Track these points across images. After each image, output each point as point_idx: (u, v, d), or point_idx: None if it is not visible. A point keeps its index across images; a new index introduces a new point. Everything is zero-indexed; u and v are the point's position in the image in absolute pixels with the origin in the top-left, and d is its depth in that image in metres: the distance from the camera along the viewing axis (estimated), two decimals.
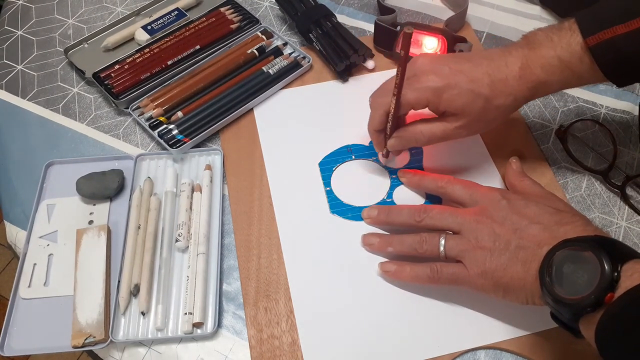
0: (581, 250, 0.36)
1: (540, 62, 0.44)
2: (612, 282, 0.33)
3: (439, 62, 0.46)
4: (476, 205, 0.45)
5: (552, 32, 0.45)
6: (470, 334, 0.45)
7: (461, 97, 0.45)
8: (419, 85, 0.45)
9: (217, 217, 0.52)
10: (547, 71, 0.44)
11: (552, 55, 0.44)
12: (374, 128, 0.50)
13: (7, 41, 0.68)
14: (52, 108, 0.62)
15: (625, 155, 0.56)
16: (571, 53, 0.43)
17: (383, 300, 0.47)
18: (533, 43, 0.45)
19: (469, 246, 0.43)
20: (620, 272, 0.33)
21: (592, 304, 0.33)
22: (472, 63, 0.46)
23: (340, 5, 0.70)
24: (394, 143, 0.50)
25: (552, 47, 0.44)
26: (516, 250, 0.41)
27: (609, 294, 0.33)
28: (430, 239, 0.45)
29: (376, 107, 0.48)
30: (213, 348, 0.46)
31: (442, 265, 0.44)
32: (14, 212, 0.54)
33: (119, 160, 0.56)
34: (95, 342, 0.45)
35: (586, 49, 0.42)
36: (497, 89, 0.45)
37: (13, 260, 1.41)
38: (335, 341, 0.45)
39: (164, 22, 0.66)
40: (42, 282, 0.49)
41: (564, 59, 0.44)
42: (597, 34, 0.42)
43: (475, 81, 0.45)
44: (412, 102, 0.46)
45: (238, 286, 0.49)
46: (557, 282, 0.36)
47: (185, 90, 0.60)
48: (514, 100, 0.46)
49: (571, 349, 0.44)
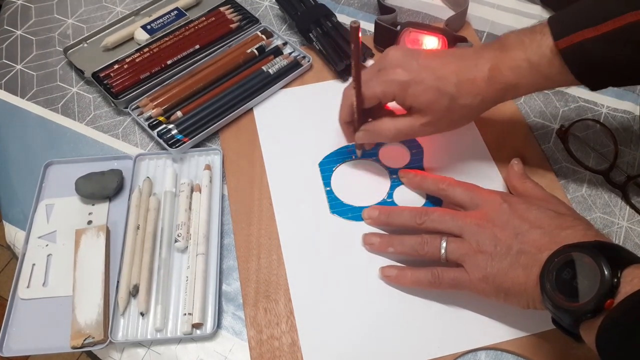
0: (580, 256, 0.36)
1: (510, 65, 0.44)
2: (611, 288, 0.33)
3: (408, 56, 0.46)
4: (477, 208, 0.45)
5: (524, 34, 0.44)
6: (470, 335, 0.45)
7: (426, 94, 0.45)
8: (386, 77, 0.46)
9: (217, 217, 0.51)
10: (516, 74, 0.44)
11: (522, 58, 0.44)
12: (342, 119, 0.50)
13: (6, 41, 0.68)
14: (51, 108, 0.61)
15: (626, 155, 0.56)
16: (540, 55, 0.43)
17: (383, 300, 0.47)
18: (505, 45, 0.45)
19: (470, 250, 0.43)
20: (620, 277, 0.33)
21: (591, 310, 0.33)
22: (441, 60, 0.46)
23: (340, 4, 0.70)
24: (360, 136, 0.50)
25: (522, 49, 0.44)
26: (517, 255, 0.40)
27: (608, 300, 0.33)
28: (432, 241, 0.45)
29: (345, 98, 0.49)
30: (212, 349, 0.46)
31: (443, 270, 0.44)
32: (12, 212, 0.54)
33: (118, 160, 0.56)
34: (94, 342, 0.44)
35: (556, 52, 0.42)
36: (464, 89, 0.45)
37: (12, 261, 1.41)
38: (335, 342, 0.45)
39: (163, 21, 0.66)
40: (41, 282, 0.48)
41: (534, 61, 0.43)
42: (568, 37, 0.41)
43: (441, 79, 0.45)
44: (378, 94, 0.46)
45: (238, 287, 0.48)
46: (557, 288, 0.36)
47: (185, 90, 0.59)
48: (482, 102, 0.46)
49: (572, 350, 0.43)
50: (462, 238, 0.44)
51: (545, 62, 0.43)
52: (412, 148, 0.56)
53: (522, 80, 0.44)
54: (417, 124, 0.47)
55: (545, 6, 0.69)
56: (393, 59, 0.46)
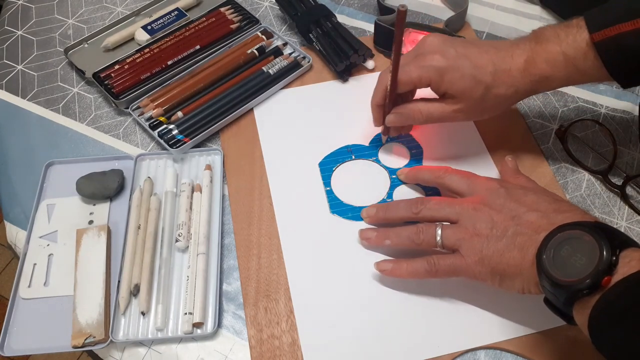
0: (581, 233, 0.36)
1: (545, 57, 0.45)
2: (610, 266, 0.33)
3: (447, 43, 0.47)
4: (474, 194, 0.45)
5: (560, 28, 0.45)
6: (470, 334, 0.45)
7: (463, 81, 0.46)
8: (424, 63, 0.46)
9: (217, 217, 0.52)
10: (552, 66, 0.45)
11: (558, 51, 0.44)
12: (375, 101, 0.51)
13: (7, 41, 0.68)
14: (52, 108, 0.62)
15: (625, 155, 0.56)
16: (576, 49, 0.44)
17: (383, 300, 0.47)
18: (540, 38, 0.46)
19: (466, 234, 0.43)
20: (618, 257, 0.33)
21: (588, 286, 0.33)
22: (479, 49, 0.47)
23: (340, 5, 0.71)
24: (392, 119, 0.51)
25: (558, 42, 0.44)
26: (513, 236, 0.40)
27: (606, 277, 0.33)
28: (427, 229, 0.45)
29: (380, 81, 0.50)
30: (213, 348, 0.46)
31: (439, 258, 0.44)
32: (14, 212, 0.54)
33: (119, 160, 0.56)
34: (95, 342, 0.45)
35: (591, 45, 0.43)
36: (500, 79, 0.46)
37: (13, 260, 1.41)
38: (335, 341, 0.45)
39: (164, 22, 0.66)
40: (42, 282, 0.49)
41: (569, 54, 0.44)
42: (603, 30, 0.42)
43: (479, 67, 0.45)
44: (414, 79, 0.47)
45: (238, 286, 0.49)
46: (554, 265, 0.36)
47: (185, 90, 0.60)
48: (515, 92, 0.47)
49: (571, 349, 0.44)
50: (458, 224, 0.44)
51: (580, 55, 0.44)
52: (412, 148, 0.56)
53: (556, 73, 0.45)
54: (449, 110, 0.48)
55: (545, 6, 0.69)
56: (431, 46, 0.47)
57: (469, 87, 0.46)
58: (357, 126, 0.58)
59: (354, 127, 0.57)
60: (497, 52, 0.46)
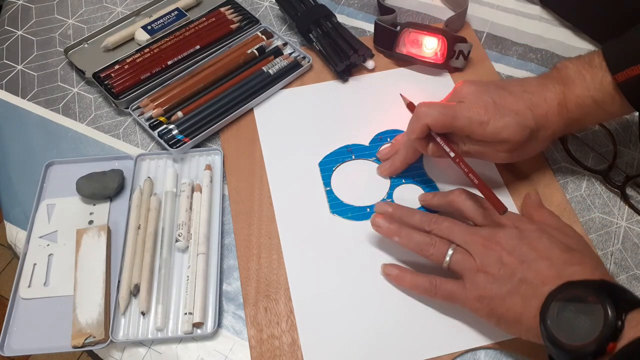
0: (585, 294, 0.35)
1: (576, 102, 0.47)
2: (615, 331, 0.32)
3: (484, 93, 0.47)
4: (487, 228, 0.45)
5: (584, 68, 0.47)
6: (470, 334, 0.45)
7: (507, 130, 0.46)
8: (467, 114, 0.46)
9: (217, 217, 0.52)
10: (582, 110, 0.47)
11: (587, 95, 0.46)
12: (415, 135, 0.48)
13: (7, 41, 0.68)
14: (52, 108, 0.62)
15: (625, 155, 0.56)
16: (604, 93, 0.45)
17: (383, 300, 0.47)
18: (567, 79, 0.47)
19: (473, 266, 0.42)
20: (624, 321, 0.33)
21: (593, 352, 0.33)
22: (514, 97, 0.47)
23: (340, 5, 0.71)
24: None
25: (585, 87, 0.46)
26: (519, 283, 0.40)
27: (611, 343, 0.32)
28: (440, 246, 0.44)
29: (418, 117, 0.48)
30: (213, 348, 0.46)
31: (442, 282, 0.44)
32: (14, 212, 0.54)
33: (119, 160, 0.56)
34: (95, 342, 0.45)
35: (616, 86, 0.44)
36: (540, 123, 0.47)
37: (13, 260, 1.41)
38: (335, 341, 0.45)
39: (164, 22, 0.66)
40: (42, 282, 0.49)
41: (598, 99, 0.46)
42: (625, 71, 0.43)
43: (520, 114, 0.46)
44: (457, 126, 0.47)
45: (238, 286, 0.49)
46: (558, 326, 0.35)
47: (185, 90, 0.60)
48: (552, 134, 0.48)
49: None
50: (469, 252, 0.43)
51: (608, 99, 0.45)
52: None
53: (587, 116, 0.48)
54: (495, 152, 0.48)
55: (545, 6, 0.69)
56: (468, 95, 0.47)
57: (516, 133, 0.46)
58: (357, 126, 0.58)
59: (354, 127, 0.58)
60: (531, 96, 0.47)
